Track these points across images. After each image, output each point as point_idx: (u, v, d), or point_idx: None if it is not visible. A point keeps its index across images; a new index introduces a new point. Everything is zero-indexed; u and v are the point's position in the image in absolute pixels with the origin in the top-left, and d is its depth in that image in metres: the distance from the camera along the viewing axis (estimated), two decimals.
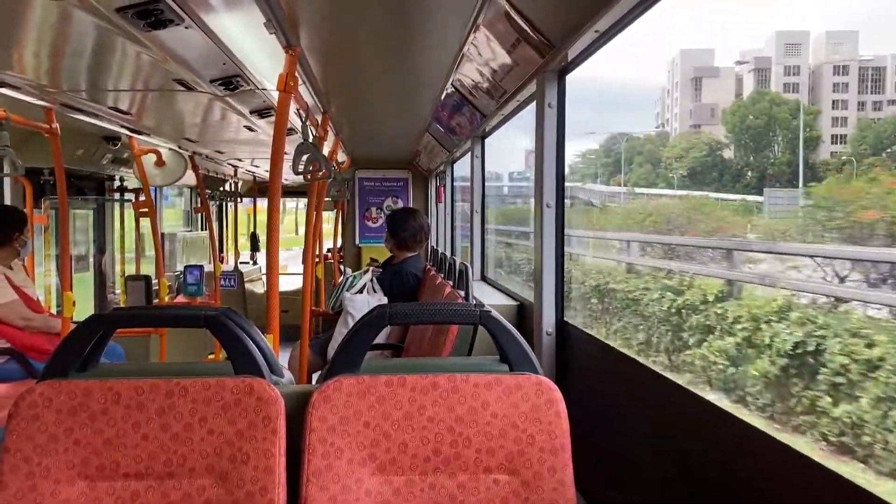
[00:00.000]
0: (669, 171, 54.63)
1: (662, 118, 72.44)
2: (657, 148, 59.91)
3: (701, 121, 62.92)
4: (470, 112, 3.83)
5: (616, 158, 61.33)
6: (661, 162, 57.06)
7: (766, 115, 53.60)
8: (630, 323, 10.53)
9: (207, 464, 1.56)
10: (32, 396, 1.56)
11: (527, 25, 2.29)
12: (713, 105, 63.01)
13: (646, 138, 63.81)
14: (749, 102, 56.65)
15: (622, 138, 62.69)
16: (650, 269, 13.29)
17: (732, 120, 54.77)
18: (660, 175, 55.29)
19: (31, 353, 3.87)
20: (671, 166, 54.89)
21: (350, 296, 4.23)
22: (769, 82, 62.64)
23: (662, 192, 45.75)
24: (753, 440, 1.46)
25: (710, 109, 62.58)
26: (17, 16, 2.09)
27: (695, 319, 8.97)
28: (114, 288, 6.78)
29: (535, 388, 1.63)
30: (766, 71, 63.32)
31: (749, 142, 53.69)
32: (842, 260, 9.71)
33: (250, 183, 9.36)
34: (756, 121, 53.65)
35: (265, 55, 2.62)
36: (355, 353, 1.68)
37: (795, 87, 61.01)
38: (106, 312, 1.68)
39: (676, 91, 68.75)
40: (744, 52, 65.68)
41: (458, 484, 1.60)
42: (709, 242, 15.93)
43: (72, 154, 4.90)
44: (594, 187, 49.71)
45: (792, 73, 62.12)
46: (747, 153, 53.89)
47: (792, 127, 51.99)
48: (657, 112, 74.94)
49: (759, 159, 53.48)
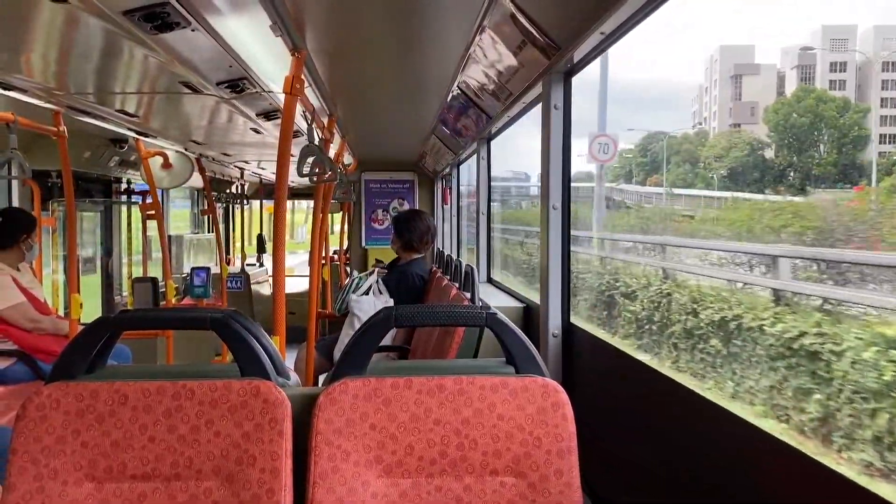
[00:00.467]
0: (709, 170, 52.73)
1: (700, 117, 70.15)
2: (695, 147, 57.90)
3: (741, 119, 60.47)
4: (476, 114, 3.83)
5: (652, 158, 59.63)
6: (700, 161, 55.19)
7: (811, 113, 50.93)
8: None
9: (214, 466, 1.56)
10: (40, 398, 1.56)
11: (532, 27, 2.29)
12: (753, 103, 60.58)
13: (683, 137, 61.80)
14: (793, 100, 54.00)
15: (659, 137, 60.87)
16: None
17: (775, 118, 52.20)
18: (699, 175, 53.31)
19: (39, 355, 3.89)
20: (710, 166, 52.98)
21: (356, 297, 4.23)
22: (814, 79, 59.78)
23: (701, 192, 43.24)
24: (764, 444, 1.46)
25: (749, 108, 60.39)
26: (24, 19, 2.10)
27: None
28: (121, 290, 6.80)
29: (542, 391, 1.63)
30: (810, 67, 60.63)
31: (793, 141, 51.15)
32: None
33: (257, 185, 9.39)
34: (801, 119, 50.88)
35: (271, 58, 2.63)
36: (361, 355, 1.68)
37: (842, 84, 57.97)
38: (113, 315, 1.69)
39: (715, 89, 66.22)
40: (786, 49, 63.39)
41: (464, 486, 1.60)
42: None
43: (79, 156, 4.93)
44: (629, 188, 48.35)
45: (838, 70, 59.19)
46: (791, 153, 51.48)
47: (839, 125, 49.55)
48: (694, 110, 72.46)
49: (804, 159, 51.02)
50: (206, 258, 8.81)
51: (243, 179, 8.28)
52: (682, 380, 1.90)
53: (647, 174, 57.56)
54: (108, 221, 6.64)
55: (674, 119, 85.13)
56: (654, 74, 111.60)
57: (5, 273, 3.92)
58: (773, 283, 8.85)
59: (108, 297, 6.65)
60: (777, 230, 13.24)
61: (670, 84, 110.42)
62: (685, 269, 10.87)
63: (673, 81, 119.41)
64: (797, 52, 59.98)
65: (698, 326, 7.34)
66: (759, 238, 13.53)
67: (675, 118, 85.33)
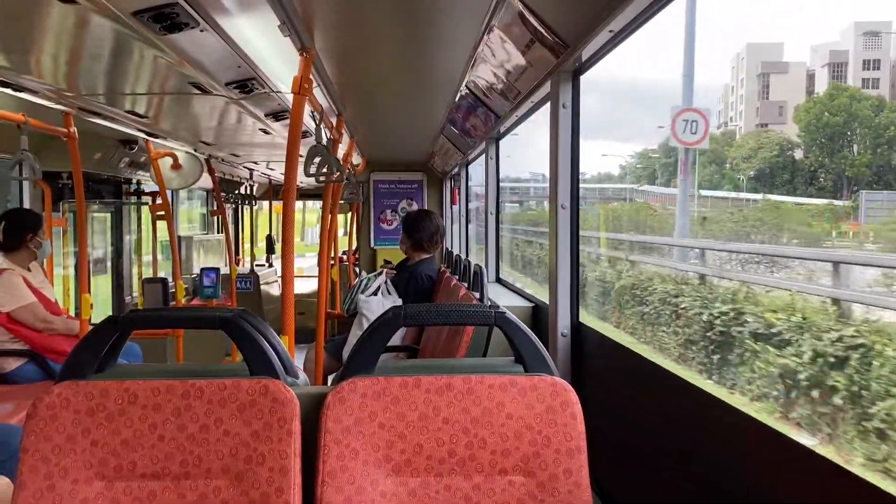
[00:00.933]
0: (737, 172, 50.62)
1: (725, 116, 67.63)
2: (722, 148, 55.55)
3: (768, 119, 57.99)
4: (484, 113, 3.83)
5: (676, 158, 59.94)
6: (727, 162, 53.07)
7: (844, 112, 48.01)
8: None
9: (223, 464, 1.57)
10: (50, 397, 1.57)
11: (541, 26, 2.29)
12: (781, 102, 58.18)
13: (709, 137, 61.76)
14: (826, 98, 50.90)
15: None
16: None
17: (807, 117, 49.30)
18: (726, 176, 51.37)
19: (50, 355, 3.91)
20: (738, 167, 50.87)
21: (365, 298, 4.24)
22: (845, 77, 56.60)
23: (731, 195, 42.25)
24: (777, 445, 1.45)
25: (777, 107, 58.07)
26: (34, 21, 2.11)
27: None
28: (131, 290, 6.83)
29: (551, 390, 1.62)
30: (841, 65, 57.65)
31: (825, 141, 48.37)
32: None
33: (266, 186, 9.41)
34: (834, 118, 47.95)
35: (280, 58, 2.64)
36: (370, 355, 1.68)
37: (875, 82, 55.05)
38: (123, 314, 1.69)
39: (741, 88, 63.82)
40: (816, 46, 60.43)
41: (473, 485, 1.60)
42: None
43: (89, 158, 4.95)
44: (652, 189, 47.21)
45: (871, 68, 56.22)
46: (822, 153, 48.88)
47: (874, 125, 46.64)
48: (719, 110, 69.46)
49: (836, 160, 48.25)
50: (214, 259, 8.84)
51: (252, 180, 8.31)
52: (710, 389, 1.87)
53: (671, 175, 55.51)
54: (119, 222, 6.67)
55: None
56: (676, 74, 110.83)
57: (16, 274, 3.95)
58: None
59: (118, 297, 6.68)
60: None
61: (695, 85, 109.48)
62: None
63: (696, 82, 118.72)
64: (828, 49, 57.61)
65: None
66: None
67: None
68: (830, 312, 6.69)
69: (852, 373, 4.93)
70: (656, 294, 8.90)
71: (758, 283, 9.12)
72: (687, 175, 16.33)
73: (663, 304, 8.57)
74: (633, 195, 43.44)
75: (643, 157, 60.56)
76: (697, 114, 13.36)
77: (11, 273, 3.92)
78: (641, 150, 62.01)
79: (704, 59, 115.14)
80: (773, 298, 7.47)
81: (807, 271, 9.51)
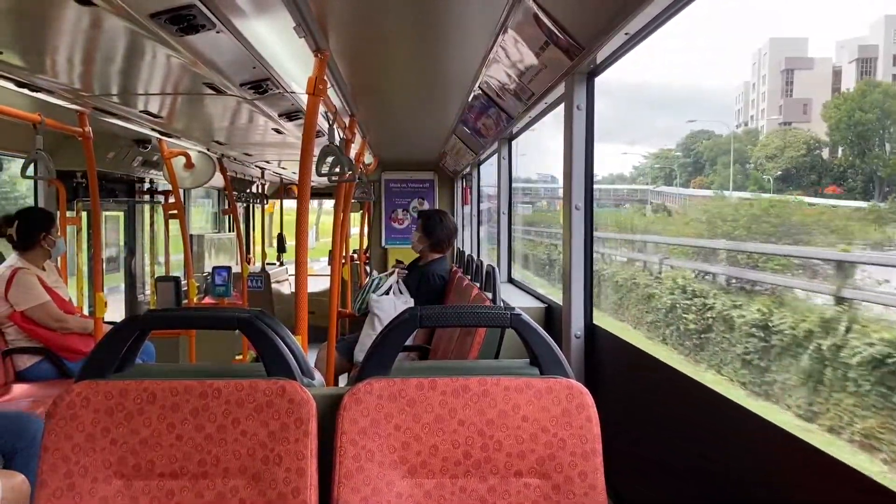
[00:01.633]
0: (761, 171, 47.44)
1: (746, 115, 63.49)
2: (745, 147, 50.85)
3: (792, 118, 52.89)
4: (497, 114, 3.83)
5: (696, 158, 53.59)
6: (749, 162, 48.48)
7: (878, 109, 47.67)
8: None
9: (241, 465, 1.58)
10: (70, 396, 1.58)
11: (555, 28, 2.28)
12: (806, 100, 53.08)
13: (730, 136, 58.20)
14: (857, 95, 45.15)
15: (703, 136, 57.62)
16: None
17: (837, 115, 43.38)
18: (750, 177, 49.02)
19: (64, 353, 3.94)
20: (762, 167, 46.04)
21: (376, 297, 4.24)
22: (875, 73, 51.04)
23: (757, 196, 40.86)
24: (791, 447, 1.44)
25: (802, 105, 53.10)
26: (51, 22, 2.12)
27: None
28: (144, 289, 6.87)
29: (566, 392, 1.62)
30: (870, 61, 51.83)
31: (855, 139, 47.96)
32: None
33: (277, 185, 9.43)
34: (866, 115, 47.06)
35: (294, 59, 2.64)
36: (386, 356, 1.69)
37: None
38: (142, 314, 1.71)
39: (763, 85, 59.37)
40: (842, 41, 55.09)
41: (488, 487, 1.60)
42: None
43: (103, 157, 4.98)
44: (670, 190, 46.94)
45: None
46: (852, 153, 48.57)
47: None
48: (738, 108, 65.38)
49: (868, 160, 47.98)
50: (226, 258, 8.86)
51: (264, 179, 8.33)
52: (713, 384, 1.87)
53: (689, 175, 52.00)
54: (132, 221, 6.70)
55: (707, 122, 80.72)
56: (690, 72, 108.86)
57: (31, 273, 3.98)
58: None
59: (131, 296, 6.71)
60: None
61: (704, 85, 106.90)
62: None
63: (708, 81, 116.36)
64: (856, 44, 52.17)
65: None
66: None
67: (708, 120, 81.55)
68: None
69: None
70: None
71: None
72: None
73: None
74: (649, 196, 42.56)
75: (660, 157, 60.20)
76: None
77: (26, 272, 3.95)
78: (658, 150, 61.10)
79: (722, 56, 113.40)
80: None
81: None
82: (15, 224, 4.05)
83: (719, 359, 7.99)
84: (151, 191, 6.70)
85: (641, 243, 15.99)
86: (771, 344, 7.07)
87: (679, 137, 56.31)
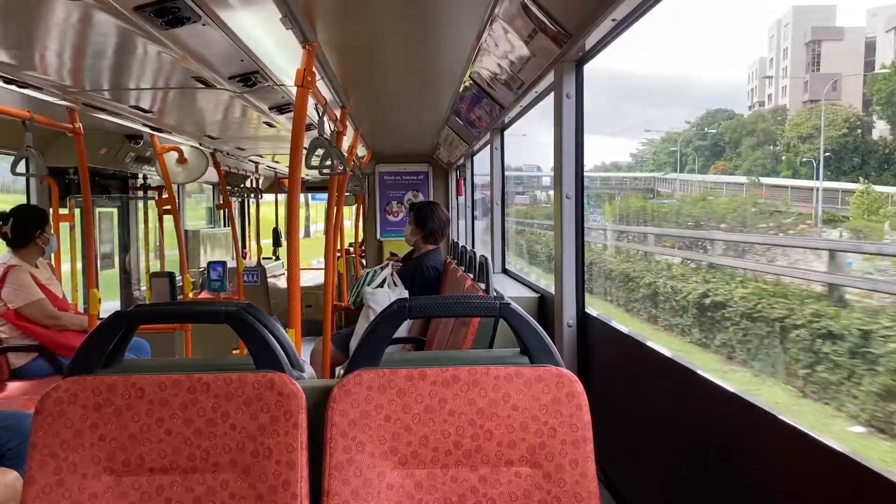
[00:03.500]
0: (795, 154, 41.69)
1: (761, 95, 58.24)
2: (773, 127, 46.56)
3: (820, 95, 47.31)
4: (489, 104, 3.82)
5: (714, 141, 48.87)
6: (777, 143, 44.64)
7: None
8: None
9: (230, 458, 1.57)
10: (58, 393, 1.58)
11: (543, 16, 2.28)
12: (835, 75, 47.37)
13: (756, 115, 49.59)
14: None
15: (723, 116, 50.28)
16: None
17: (888, 87, 41.31)
18: (783, 160, 42.42)
19: (59, 351, 3.94)
20: (796, 149, 42.01)
21: (371, 290, 4.25)
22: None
23: (806, 183, 33.47)
24: (783, 434, 1.45)
25: (831, 80, 47.19)
26: (38, 17, 2.11)
27: None
28: (139, 284, 6.86)
29: (556, 381, 1.62)
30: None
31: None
32: None
33: (272, 179, 9.42)
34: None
35: (283, 51, 2.63)
36: (375, 347, 1.68)
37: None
38: (128, 309, 1.70)
39: (785, 58, 53.15)
40: (874, 9, 48.93)
41: (479, 477, 1.60)
42: None
43: (95, 153, 4.96)
44: (688, 178, 40.64)
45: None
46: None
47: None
48: (751, 88, 60.48)
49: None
50: (221, 253, 8.85)
51: (258, 173, 8.32)
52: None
53: (706, 160, 47.55)
54: (125, 217, 6.69)
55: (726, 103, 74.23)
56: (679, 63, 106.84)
57: (24, 270, 3.97)
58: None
59: (126, 291, 6.70)
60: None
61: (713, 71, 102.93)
62: None
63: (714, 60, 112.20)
64: (893, 11, 45.46)
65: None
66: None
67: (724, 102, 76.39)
68: None
69: None
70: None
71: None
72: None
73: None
74: (657, 185, 39.75)
75: (669, 141, 52.73)
76: None
77: (19, 270, 3.94)
78: (666, 134, 53.71)
79: (728, 32, 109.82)
80: None
81: None
82: (10, 221, 4.04)
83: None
84: (145, 186, 6.68)
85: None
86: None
87: (669, 126, 52.65)
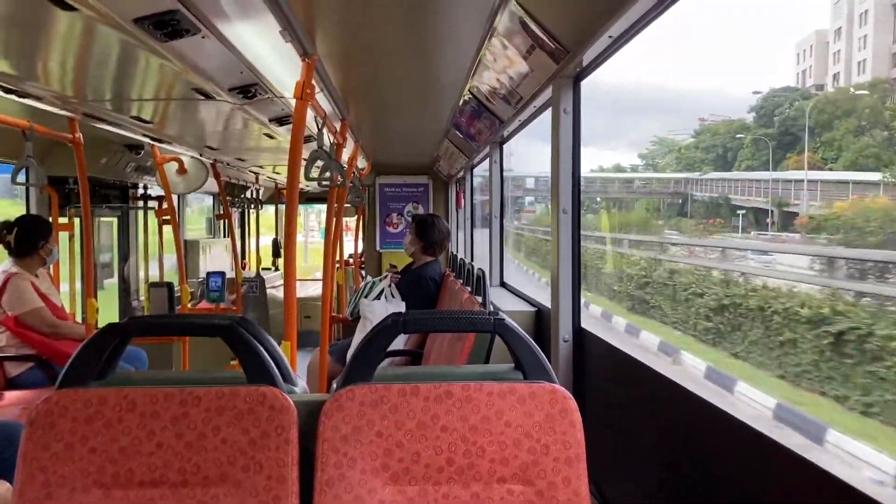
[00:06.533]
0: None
1: (819, 75, 48.33)
2: (881, 107, 36.15)
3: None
4: (488, 118, 3.83)
5: (783, 129, 38.25)
6: (887, 127, 35.08)
7: None
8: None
9: (221, 472, 1.57)
10: (48, 405, 1.57)
11: (542, 32, 2.28)
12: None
13: (850, 94, 38.63)
14: None
15: (795, 96, 39.64)
16: None
17: None
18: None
19: (57, 359, 3.93)
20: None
21: (368, 302, 4.24)
22: None
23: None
24: (774, 453, 1.44)
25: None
26: (38, 28, 2.12)
27: None
28: (138, 294, 6.85)
29: (550, 397, 1.62)
30: None
31: None
32: None
33: (272, 190, 9.43)
34: None
35: (282, 63, 2.64)
36: (369, 362, 1.68)
37: None
38: (122, 321, 1.70)
39: (862, 26, 43.49)
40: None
41: (471, 494, 1.59)
42: None
43: (96, 163, 4.97)
44: (745, 176, 31.74)
45: None
46: None
47: None
48: (802, 70, 50.26)
49: None
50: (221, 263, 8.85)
51: (258, 184, 8.33)
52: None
53: (781, 153, 37.98)
54: (125, 227, 6.69)
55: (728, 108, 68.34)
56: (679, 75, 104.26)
57: (25, 279, 3.98)
58: None
59: (125, 301, 6.69)
60: None
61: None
62: None
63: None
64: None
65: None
66: None
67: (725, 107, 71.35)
68: None
69: None
70: None
71: None
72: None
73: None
74: (688, 188, 32.03)
75: (706, 133, 43.12)
76: None
77: (20, 277, 3.95)
78: (703, 125, 43.67)
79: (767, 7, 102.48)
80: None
81: None
82: (14, 231, 4.05)
83: None
84: (145, 196, 6.69)
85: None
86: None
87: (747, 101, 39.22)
